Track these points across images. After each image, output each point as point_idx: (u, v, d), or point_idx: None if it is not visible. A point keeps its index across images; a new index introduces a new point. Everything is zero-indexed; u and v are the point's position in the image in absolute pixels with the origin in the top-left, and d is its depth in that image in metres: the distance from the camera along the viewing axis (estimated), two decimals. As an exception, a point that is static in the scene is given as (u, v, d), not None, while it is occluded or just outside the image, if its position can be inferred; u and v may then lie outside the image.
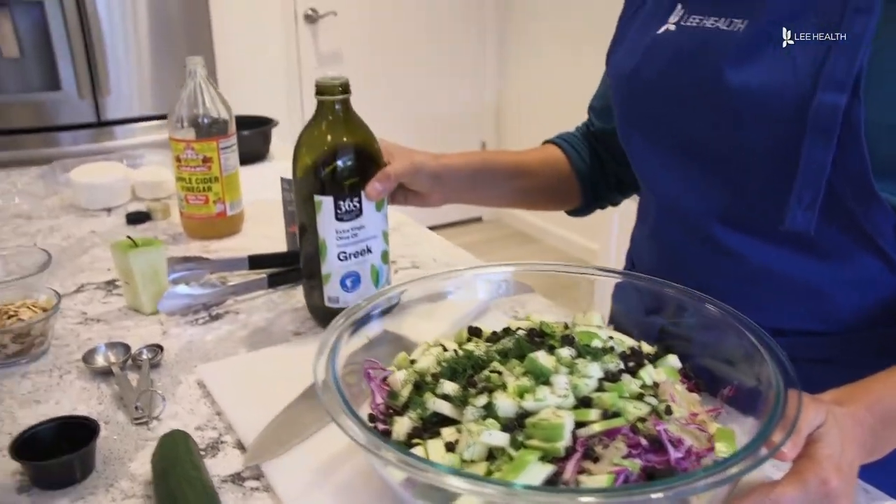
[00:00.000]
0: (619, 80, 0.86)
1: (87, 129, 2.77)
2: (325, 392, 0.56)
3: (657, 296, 0.70)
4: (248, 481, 0.67)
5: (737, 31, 0.70)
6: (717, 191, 0.76)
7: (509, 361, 0.60)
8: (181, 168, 1.19)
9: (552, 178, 1.03)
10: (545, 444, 0.53)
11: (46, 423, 0.70)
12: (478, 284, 0.77)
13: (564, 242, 3.62)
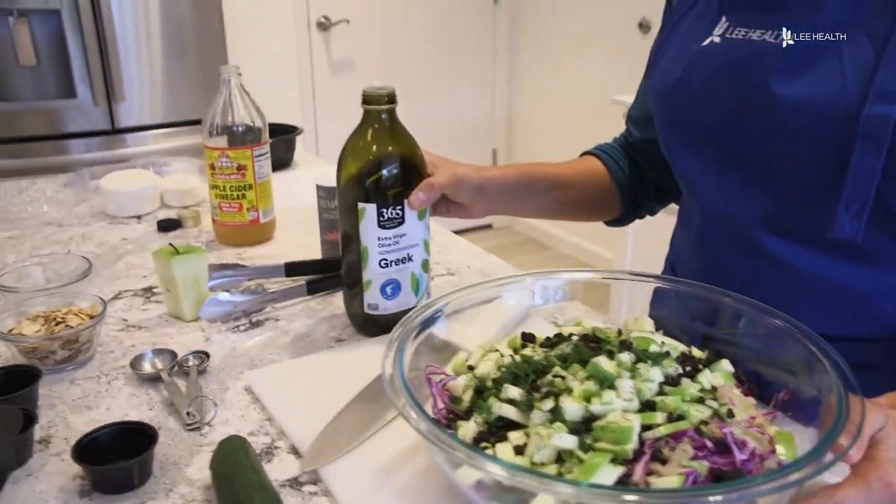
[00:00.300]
0: (661, 92, 0.87)
1: (101, 137, 2.79)
2: (395, 395, 0.57)
3: (706, 302, 0.71)
4: (305, 486, 0.68)
5: (784, 43, 0.71)
6: (762, 199, 0.77)
7: (571, 366, 0.61)
8: (215, 176, 1.20)
9: (592, 189, 1.04)
10: (614, 446, 0.54)
11: (105, 429, 0.71)
12: (536, 291, 0.77)
13: (576, 249, 3.63)
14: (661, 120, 0.88)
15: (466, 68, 3.65)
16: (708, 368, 0.64)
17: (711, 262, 0.84)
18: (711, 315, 0.71)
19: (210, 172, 1.21)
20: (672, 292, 0.77)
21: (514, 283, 0.77)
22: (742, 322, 0.68)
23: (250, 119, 1.20)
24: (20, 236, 1.29)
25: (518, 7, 3.71)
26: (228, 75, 1.19)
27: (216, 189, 1.21)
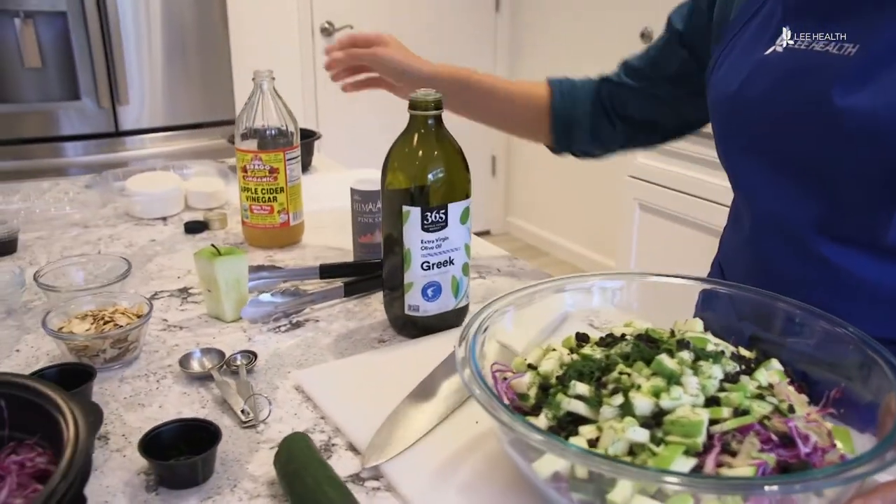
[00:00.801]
0: (722, 99, 0.89)
1: (105, 139, 2.79)
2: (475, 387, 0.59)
3: (757, 305, 0.74)
4: (368, 482, 0.69)
5: (847, 55, 0.73)
6: (818, 204, 0.79)
7: (635, 364, 0.64)
8: (247, 178, 1.21)
9: (527, 111, 1.16)
10: (685, 439, 0.56)
11: (168, 425, 0.72)
12: (594, 292, 0.80)
13: (574, 256, 3.67)
14: (720, 126, 0.91)
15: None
16: (761, 367, 0.67)
17: (763, 264, 0.86)
18: (761, 317, 0.74)
19: (241, 175, 1.22)
20: (722, 294, 0.79)
21: (578, 283, 0.79)
22: (793, 325, 0.71)
23: (282, 123, 1.22)
24: (48, 237, 1.30)
25: (519, 15, 3.75)
26: (262, 80, 1.21)
27: (247, 192, 1.22)
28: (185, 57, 2.81)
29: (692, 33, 1.02)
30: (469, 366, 0.61)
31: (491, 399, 0.57)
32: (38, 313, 1.02)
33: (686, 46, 1.03)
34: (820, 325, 0.69)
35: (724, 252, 1.00)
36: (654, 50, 1.09)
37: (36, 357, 0.91)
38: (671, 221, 2.31)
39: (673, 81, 1.06)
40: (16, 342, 0.94)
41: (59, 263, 1.06)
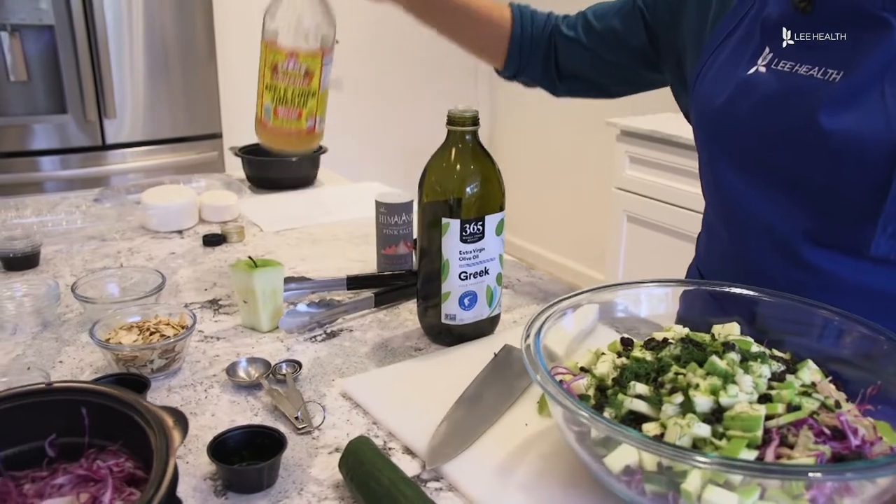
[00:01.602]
0: (707, 114, 0.94)
1: (91, 153, 2.77)
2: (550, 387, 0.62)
3: (792, 310, 0.79)
4: (430, 483, 0.72)
5: (832, 80, 0.78)
6: (804, 214, 0.84)
7: (689, 365, 0.68)
8: (276, 77, 1.07)
9: (490, 32, 1.17)
10: (745, 434, 0.60)
11: (233, 431, 0.75)
12: (642, 299, 0.84)
13: (561, 269, 3.72)
14: (705, 137, 0.95)
15: (452, 92, 3.74)
16: (803, 366, 0.71)
17: (751, 269, 0.91)
18: (794, 321, 0.79)
19: (269, 73, 1.07)
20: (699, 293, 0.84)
21: (628, 290, 0.83)
22: (829, 329, 0.76)
23: (322, 19, 1.07)
24: (67, 250, 1.30)
25: None
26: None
27: (273, 92, 1.08)
28: (172, 71, 2.81)
29: (655, 21, 1.06)
30: (540, 369, 0.64)
31: (570, 399, 0.60)
32: (73, 325, 1.03)
33: (648, 28, 1.07)
34: (857, 329, 0.73)
35: (703, 257, 1.05)
36: (615, 18, 1.10)
37: (80, 368, 0.92)
38: (659, 232, 2.37)
39: (629, 53, 1.10)
40: (57, 354, 0.95)
41: (92, 276, 1.07)
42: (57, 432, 0.65)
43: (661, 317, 0.87)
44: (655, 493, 0.59)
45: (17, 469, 0.64)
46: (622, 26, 1.09)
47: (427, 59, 3.66)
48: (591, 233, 3.42)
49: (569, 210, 3.60)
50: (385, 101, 3.55)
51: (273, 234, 1.42)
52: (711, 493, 0.56)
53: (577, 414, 0.59)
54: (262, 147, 1.76)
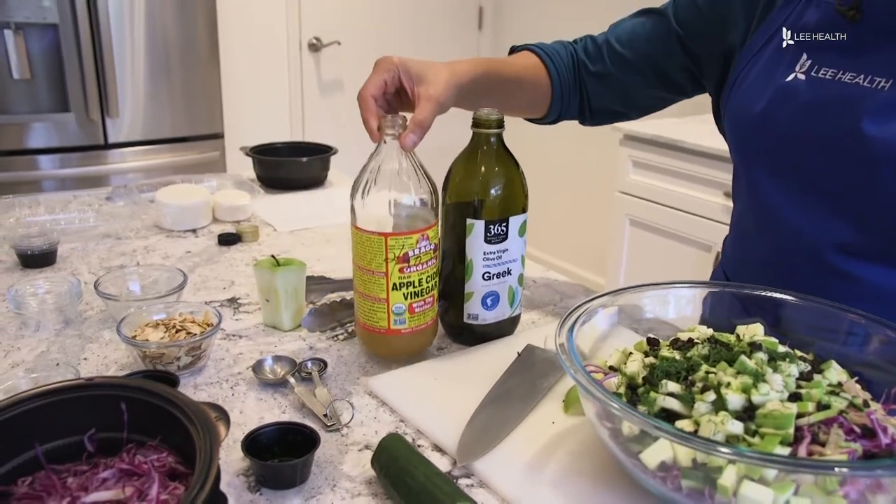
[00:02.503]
0: (741, 120, 0.95)
1: (93, 151, 2.77)
2: (588, 384, 0.63)
3: (814, 312, 0.80)
4: (460, 479, 0.73)
5: (881, 88, 0.79)
6: (842, 222, 0.85)
7: (719, 364, 0.69)
8: (408, 271, 0.88)
9: (535, 90, 1.11)
10: (778, 431, 0.61)
11: (265, 428, 0.75)
12: (670, 300, 0.85)
13: (562, 273, 3.71)
14: (741, 146, 0.96)
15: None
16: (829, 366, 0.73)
17: (782, 272, 0.92)
18: (815, 324, 0.80)
19: (397, 269, 0.87)
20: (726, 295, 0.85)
21: (655, 291, 0.84)
22: (856, 331, 0.77)
23: (426, 185, 0.89)
24: (83, 248, 1.31)
25: (501, 34, 3.84)
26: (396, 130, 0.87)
27: (408, 288, 0.89)
28: (175, 70, 2.81)
29: (693, 38, 1.03)
30: (577, 367, 0.65)
31: (610, 396, 0.61)
32: (95, 322, 1.03)
33: (686, 49, 1.04)
34: (883, 332, 0.75)
35: (731, 260, 1.06)
36: (646, 44, 1.06)
37: (105, 365, 0.93)
38: (661, 236, 2.39)
39: (669, 79, 1.07)
40: (81, 351, 0.96)
41: (113, 274, 1.07)
42: (96, 427, 0.66)
43: (681, 319, 0.88)
44: (692, 488, 0.60)
45: (58, 463, 0.64)
46: (657, 51, 1.05)
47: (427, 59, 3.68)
48: (593, 237, 3.44)
49: (571, 214, 3.62)
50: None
51: (287, 233, 1.43)
52: (747, 487, 0.58)
53: (616, 409, 0.60)
54: (272, 147, 1.79)
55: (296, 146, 1.83)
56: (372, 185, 0.88)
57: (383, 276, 0.88)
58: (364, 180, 0.88)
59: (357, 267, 0.91)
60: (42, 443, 0.64)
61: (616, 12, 1.25)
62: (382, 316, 0.90)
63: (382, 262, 0.87)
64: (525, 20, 3.71)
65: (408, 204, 0.89)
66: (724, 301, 0.86)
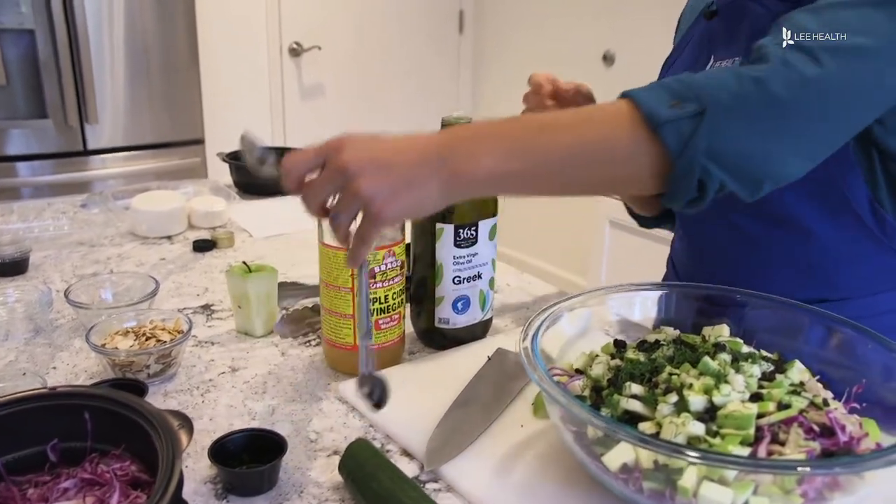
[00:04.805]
0: None
1: (71, 158, 2.75)
2: (550, 388, 0.63)
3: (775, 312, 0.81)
4: (428, 484, 0.74)
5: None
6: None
7: (682, 366, 0.70)
8: (374, 287, 0.89)
9: None
10: (738, 431, 0.62)
11: (233, 434, 0.75)
12: (636, 302, 0.86)
13: (543, 274, 3.72)
14: None
15: (434, 95, 3.75)
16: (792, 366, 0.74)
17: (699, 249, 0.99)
18: (780, 324, 0.81)
19: (359, 286, 0.80)
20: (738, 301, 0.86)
21: (621, 294, 0.85)
22: (814, 330, 0.78)
23: None
24: (56, 256, 1.30)
25: (482, 37, 3.84)
26: None
27: (374, 304, 0.89)
28: (155, 76, 2.80)
29: None
30: (539, 370, 0.66)
31: (572, 399, 0.62)
32: (66, 331, 1.03)
33: None
34: (841, 329, 0.76)
35: (673, 249, 1.11)
36: None
37: (75, 374, 0.92)
38: (642, 237, 2.40)
39: None
40: (51, 360, 0.95)
41: (85, 282, 1.07)
42: (59, 437, 0.66)
43: (651, 320, 0.89)
44: (653, 490, 0.61)
45: (19, 474, 0.64)
46: None
47: (410, 64, 3.68)
48: (574, 238, 3.45)
49: (552, 216, 3.62)
50: (368, 107, 3.56)
51: (263, 239, 1.42)
52: (707, 488, 0.58)
53: (577, 413, 0.60)
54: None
55: (274, 151, 1.82)
56: None
57: (349, 292, 0.88)
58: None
59: (323, 283, 0.91)
60: (3, 454, 0.64)
61: (598, 17, 1.26)
62: (348, 332, 0.90)
63: (348, 278, 0.87)
64: (506, 24, 3.72)
65: None
66: (689, 302, 0.86)
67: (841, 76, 0.65)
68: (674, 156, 0.63)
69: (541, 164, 0.64)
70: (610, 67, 3.16)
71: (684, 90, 0.64)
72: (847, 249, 0.86)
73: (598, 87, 1.10)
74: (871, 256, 0.86)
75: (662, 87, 0.65)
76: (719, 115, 0.63)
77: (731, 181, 0.64)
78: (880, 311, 0.87)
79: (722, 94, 0.63)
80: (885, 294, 0.88)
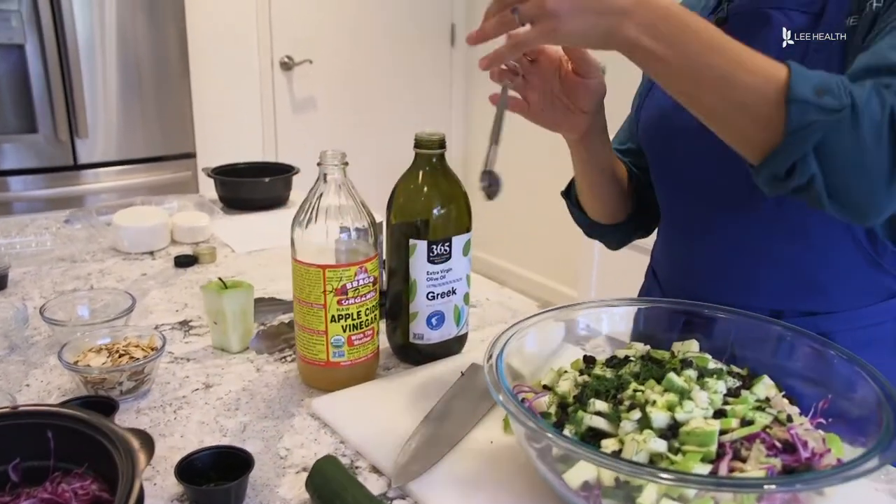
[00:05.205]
0: (645, 128, 1.03)
1: (62, 173, 2.76)
2: (512, 407, 0.64)
3: (745, 327, 0.81)
4: (395, 501, 0.73)
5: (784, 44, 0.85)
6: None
7: (647, 382, 0.70)
8: (346, 303, 0.88)
9: (621, 185, 1.07)
10: (700, 448, 0.62)
11: (201, 452, 0.75)
12: (603, 318, 0.86)
13: (533, 286, 3.74)
14: (648, 147, 1.04)
15: (425, 109, 3.77)
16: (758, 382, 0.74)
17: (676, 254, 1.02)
18: (751, 338, 0.81)
19: (335, 301, 0.88)
20: (710, 317, 0.86)
21: (590, 309, 0.85)
22: (782, 345, 0.78)
23: (364, 218, 0.90)
24: (36, 272, 1.30)
25: (473, 50, 3.86)
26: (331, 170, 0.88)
27: (347, 320, 0.89)
28: (145, 89, 2.80)
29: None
30: (502, 388, 0.66)
31: (530, 417, 0.62)
32: (42, 348, 1.03)
33: None
34: (808, 344, 0.76)
35: (654, 258, 1.13)
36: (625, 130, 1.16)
37: (48, 391, 0.92)
38: (631, 250, 2.40)
39: None
40: (24, 377, 0.95)
41: (60, 298, 1.07)
42: (21, 456, 0.66)
43: (626, 334, 0.89)
44: (612, 507, 0.61)
45: (-19, 494, 0.64)
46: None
47: (402, 78, 3.69)
48: (564, 249, 3.45)
49: (541, 226, 3.63)
50: (359, 121, 3.57)
51: (245, 254, 1.43)
52: (666, 506, 0.58)
53: (535, 431, 0.60)
54: (235, 168, 1.79)
55: (259, 166, 1.83)
56: (312, 218, 0.88)
57: (321, 308, 0.89)
58: (304, 213, 0.89)
59: (296, 299, 0.91)
60: (-36, 474, 0.64)
61: None
62: (321, 348, 0.90)
63: (321, 293, 0.88)
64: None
65: (346, 238, 0.89)
66: (661, 317, 0.87)
67: None
68: (787, 130, 0.67)
69: (690, 73, 0.71)
70: (600, 80, 3.17)
71: (836, 88, 0.67)
72: (838, 260, 0.87)
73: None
74: (861, 269, 0.87)
75: (822, 76, 0.68)
76: (844, 128, 0.66)
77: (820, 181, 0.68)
78: (864, 325, 0.87)
79: (865, 111, 0.66)
80: (868, 308, 0.88)
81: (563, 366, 0.79)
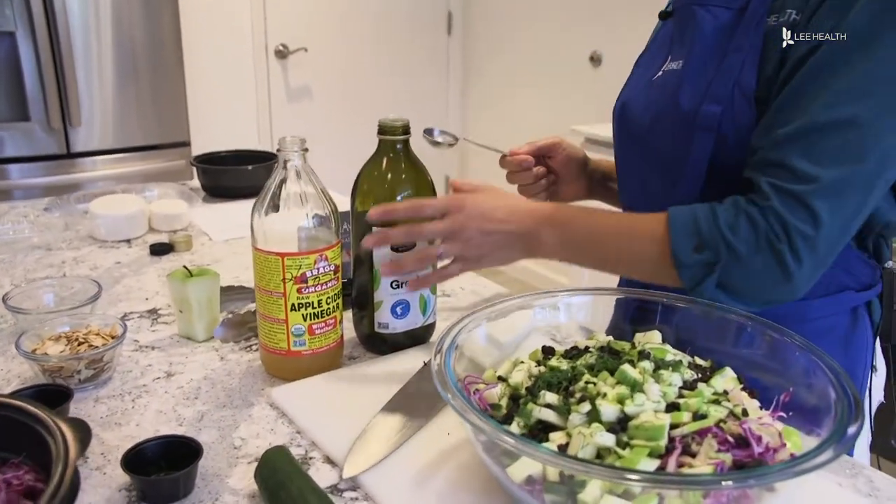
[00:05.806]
0: (616, 116, 1.05)
1: (55, 161, 2.75)
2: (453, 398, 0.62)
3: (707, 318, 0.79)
4: (346, 492, 0.72)
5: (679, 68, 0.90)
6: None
7: (600, 374, 0.68)
8: (306, 291, 0.87)
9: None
10: (648, 443, 0.60)
11: (150, 442, 0.74)
12: (560, 308, 0.84)
13: (528, 274, 3.73)
14: (615, 133, 1.07)
15: (421, 98, 3.75)
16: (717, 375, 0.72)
17: None
18: (713, 329, 0.79)
19: (295, 289, 0.87)
20: (675, 308, 0.85)
21: (547, 298, 0.83)
22: (743, 335, 0.76)
23: (325, 205, 0.89)
24: (10, 260, 1.29)
25: (470, 38, 3.84)
26: (292, 155, 0.87)
27: (307, 308, 0.88)
28: (138, 78, 2.79)
29: None
30: (445, 378, 0.64)
31: (469, 409, 0.60)
32: (5, 336, 1.02)
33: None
34: (768, 334, 0.74)
35: None
36: None
37: (7, 380, 0.91)
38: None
39: None
40: (-15, 365, 0.94)
41: (27, 286, 1.06)
42: (-42, 445, 0.65)
43: (595, 324, 0.87)
44: (555, 502, 0.59)
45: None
46: None
47: (398, 66, 3.67)
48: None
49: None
50: (356, 109, 3.55)
51: (222, 242, 1.41)
52: (608, 502, 0.57)
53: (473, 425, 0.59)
54: (218, 156, 1.78)
55: (242, 154, 1.82)
56: (272, 206, 0.87)
57: (281, 297, 0.87)
58: (264, 201, 0.87)
59: (257, 288, 0.90)
60: None
61: (585, 19, 1.26)
62: (282, 337, 0.89)
63: (280, 282, 0.87)
64: (494, 26, 3.71)
65: (307, 225, 0.88)
66: (627, 307, 0.85)
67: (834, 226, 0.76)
68: (687, 287, 0.80)
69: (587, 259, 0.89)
70: (597, 68, 3.15)
71: (708, 236, 0.78)
72: None
73: (586, 87, 1.15)
74: None
75: (695, 222, 0.79)
76: (731, 266, 0.77)
77: (734, 303, 0.79)
78: (814, 317, 0.86)
79: (741, 247, 0.77)
80: (819, 300, 0.86)
81: (520, 356, 0.78)
